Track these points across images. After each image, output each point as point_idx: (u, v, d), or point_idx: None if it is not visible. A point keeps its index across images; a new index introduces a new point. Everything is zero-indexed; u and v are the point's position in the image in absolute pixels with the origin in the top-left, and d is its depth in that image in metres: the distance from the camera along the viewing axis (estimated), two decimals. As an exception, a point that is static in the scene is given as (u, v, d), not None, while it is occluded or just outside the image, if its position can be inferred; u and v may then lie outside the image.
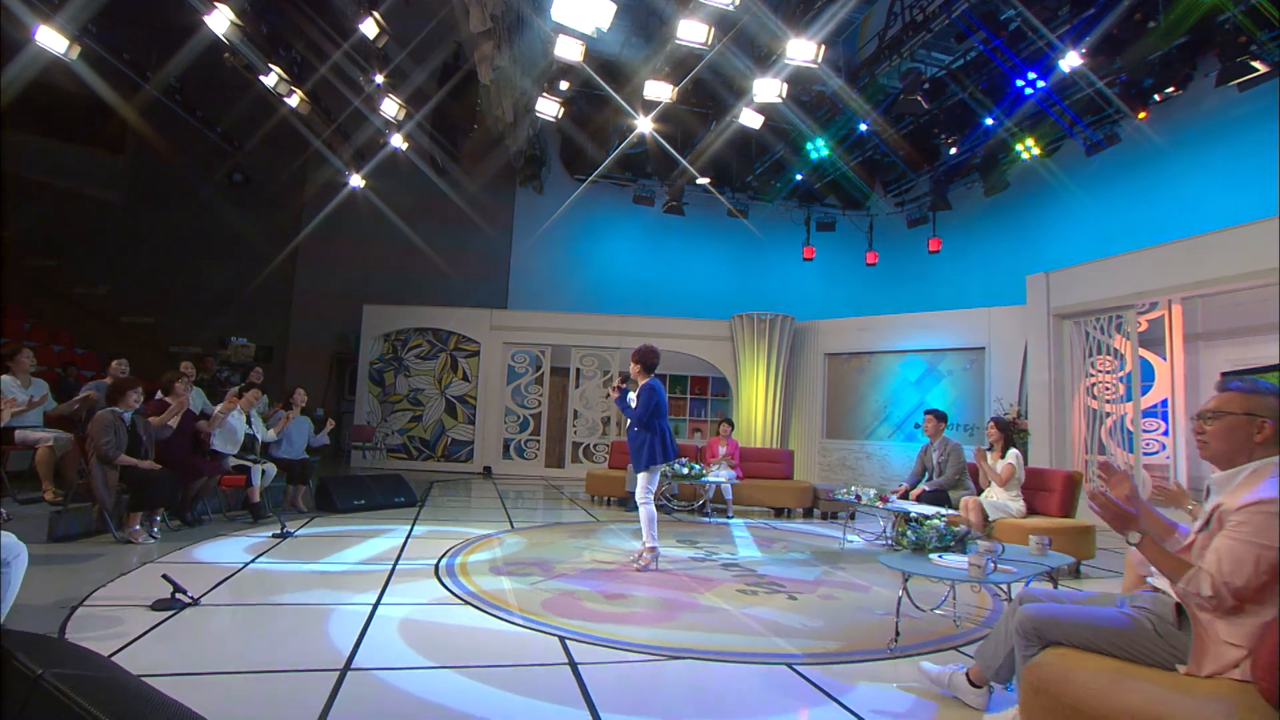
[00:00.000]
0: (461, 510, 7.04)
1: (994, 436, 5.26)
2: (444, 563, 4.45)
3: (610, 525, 6.41)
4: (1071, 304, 7.93)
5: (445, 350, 11.80)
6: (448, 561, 4.49)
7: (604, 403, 11.88)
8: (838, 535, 6.38)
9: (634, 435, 4.62)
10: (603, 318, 11.99)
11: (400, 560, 4.48)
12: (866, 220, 13.77)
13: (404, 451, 11.52)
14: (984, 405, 9.33)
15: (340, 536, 5.17)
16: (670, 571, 4.54)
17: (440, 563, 4.45)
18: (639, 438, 4.61)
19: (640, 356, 4.79)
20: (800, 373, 11.53)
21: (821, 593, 4.13)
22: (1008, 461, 5.14)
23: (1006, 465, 5.13)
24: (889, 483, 10.07)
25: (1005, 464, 5.14)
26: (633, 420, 4.64)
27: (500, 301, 13.31)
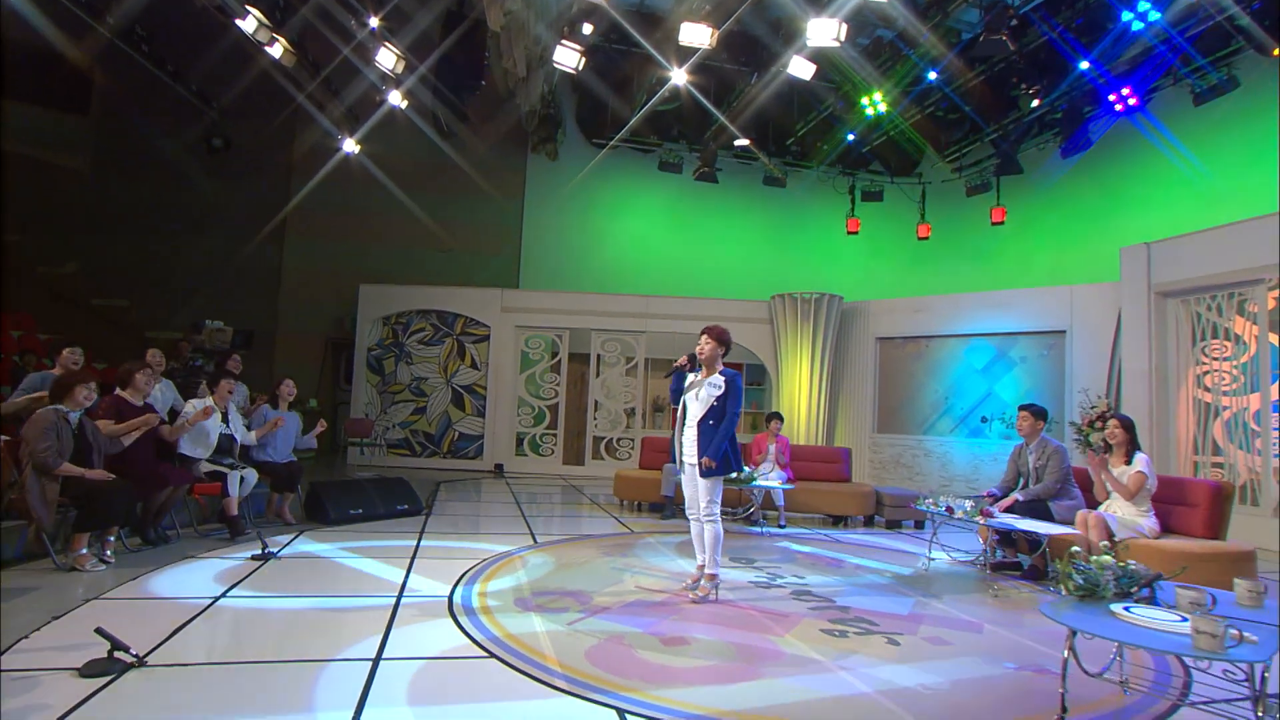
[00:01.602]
0: (474, 520, 6.48)
1: (1118, 438, 4.57)
2: (459, 594, 3.86)
3: (647, 539, 5.82)
4: (1178, 280, 7.18)
5: (451, 334, 11.21)
6: (464, 592, 3.90)
7: (627, 392, 11.27)
8: (910, 549, 5.75)
9: (707, 430, 3.97)
10: (626, 298, 11.35)
11: (406, 589, 3.90)
12: (918, 188, 12.97)
13: (406, 447, 10.99)
14: (1064, 397, 8.61)
15: (333, 557, 4.59)
16: (733, 603, 3.93)
17: (455, 594, 3.86)
18: (713, 435, 3.95)
19: (720, 334, 4.12)
20: (848, 359, 10.84)
21: (926, 633, 3.51)
22: (1137, 469, 4.46)
23: (1136, 474, 4.45)
24: (950, 484, 9.43)
25: (1134, 472, 4.46)
26: (712, 415, 3.98)
27: (511, 280, 12.68)
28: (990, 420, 9.28)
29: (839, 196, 13.07)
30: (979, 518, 4.38)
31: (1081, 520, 4.43)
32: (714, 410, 3.99)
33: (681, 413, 4.22)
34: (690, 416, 4.12)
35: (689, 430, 4.12)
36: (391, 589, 3.88)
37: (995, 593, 4.30)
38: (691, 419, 4.11)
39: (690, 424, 4.10)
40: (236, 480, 4.89)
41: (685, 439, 4.15)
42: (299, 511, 5.78)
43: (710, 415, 3.99)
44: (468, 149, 12.03)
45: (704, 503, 4.01)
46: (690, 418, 4.12)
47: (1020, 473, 5.21)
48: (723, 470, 3.98)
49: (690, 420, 4.11)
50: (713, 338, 4.14)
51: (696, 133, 12.18)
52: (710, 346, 4.13)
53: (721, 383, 4.03)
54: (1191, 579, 4.08)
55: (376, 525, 5.77)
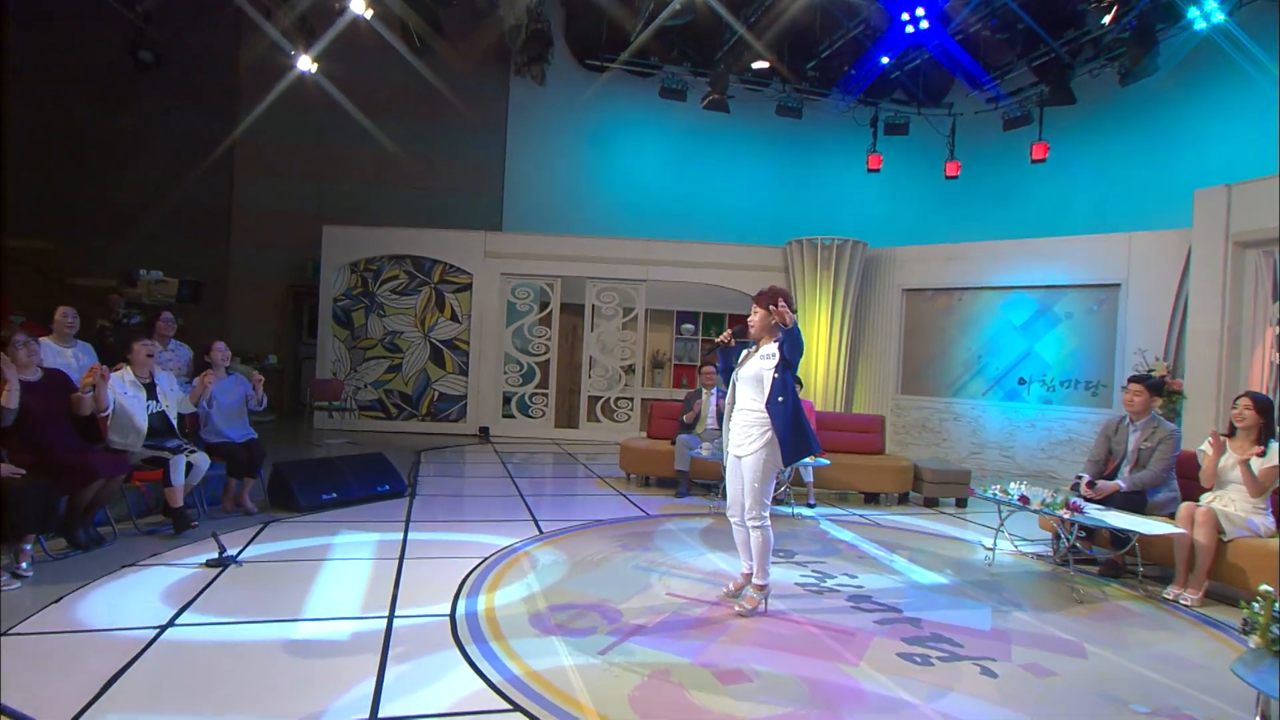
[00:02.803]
0: (466, 503, 6.01)
1: (1248, 420, 4.12)
2: (463, 610, 3.40)
3: (666, 525, 5.39)
4: (1262, 228, 6.71)
5: (429, 283, 10.53)
6: (468, 607, 3.44)
7: (625, 347, 10.74)
8: (959, 534, 5.40)
9: (780, 408, 3.46)
10: (624, 242, 10.69)
11: (398, 603, 3.43)
12: (947, 121, 12.27)
13: (380, 409, 10.44)
14: (1115, 358, 8.24)
15: (305, 559, 4.10)
16: (785, 616, 3.52)
17: (458, 609, 3.40)
18: (791, 406, 3.46)
19: (771, 299, 3.56)
20: (870, 313, 10.37)
21: (1021, 657, 3.12)
22: (1272, 462, 4.01)
23: (1270, 467, 4.00)
24: (981, 452, 9.13)
25: (1269, 465, 4.01)
26: (779, 391, 3.47)
27: (495, 222, 11.94)
28: (1029, 382, 8.91)
29: (859, 130, 12.34)
30: (1064, 511, 3.97)
31: (1187, 516, 4.05)
32: (777, 385, 3.48)
33: (731, 394, 3.72)
34: (740, 400, 3.62)
35: (737, 413, 3.62)
36: (380, 604, 3.40)
37: (1079, 598, 3.93)
38: (743, 402, 3.60)
39: (742, 408, 3.59)
40: (181, 466, 4.32)
41: (733, 422, 3.67)
42: (262, 498, 5.25)
43: (777, 390, 3.47)
44: (443, 70, 11.09)
45: (749, 503, 3.54)
46: (741, 401, 3.61)
47: (1113, 452, 4.79)
48: (796, 455, 3.50)
49: (741, 404, 3.61)
50: (762, 305, 3.61)
51: (704, 54, 11.32)
52: (760, 316, 3.60)
53: (774, 349, 3.52)
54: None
55: (353, 511, 5.27)
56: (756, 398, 3.53)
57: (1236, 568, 3.91)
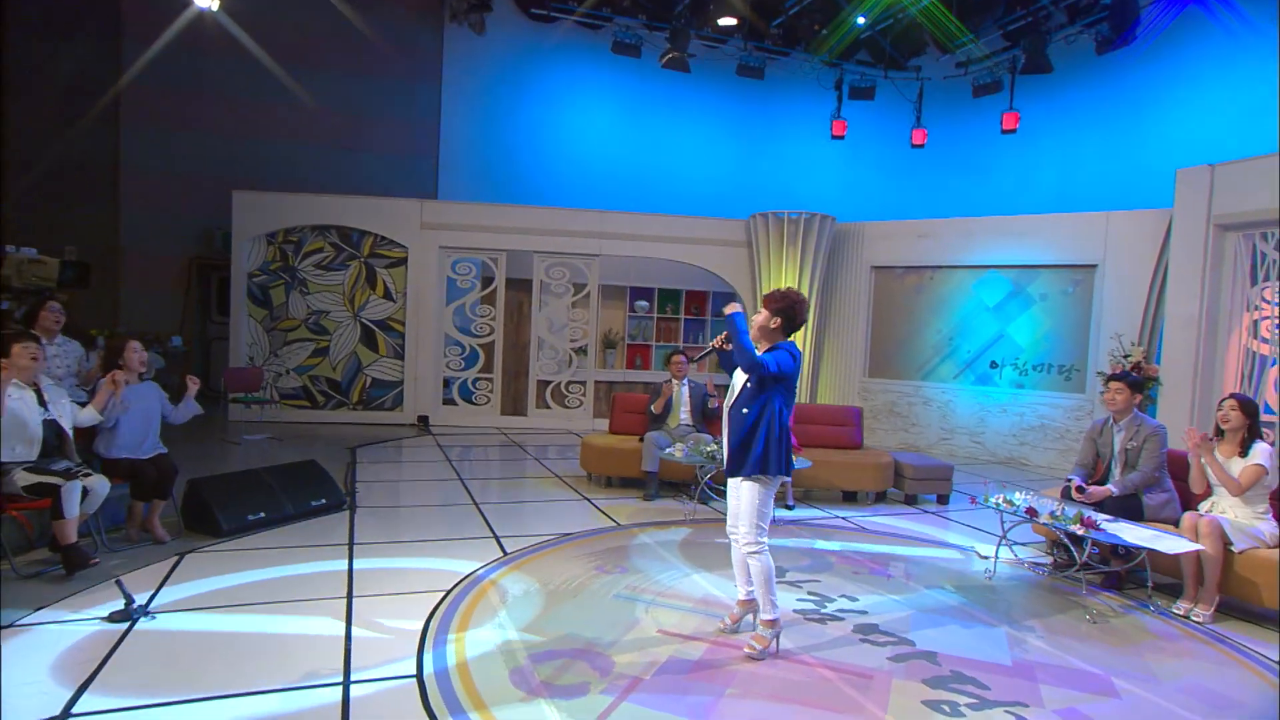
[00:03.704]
0: (415, 515, 5.59)
1: (1234, 422, 4.12)
2: (431, 665, 3.07)
3: (640, 537, 5.14)
4: (1245, 211, 6.81)
5: (358, 257, 9.86)
6: (437, 661, 3.10)
7: (576, 327, 10.36)
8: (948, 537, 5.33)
9: (739, 418, 3.25)
10: (575, 213, 10.24)
11: (352, 660, 3.06)
12: (915, 85, 12.18)
13: (305, 397, 9.80)
14: (1090, 342, 8.36)
15: (234, 603, 3.66)
16: (793, 656, 3.33)
17: (425, 664, 3.06)
18: (752, 420, 3.24)
19: (784, 305, 3.33)
20: (837, 291, 10.27)
21: (1052, 699, 3.01)
22: (1255, 461, 4.04)
23: (1253, 467, 4.03)
24: (951, 437, 9.21)
25: (1251, 465, 4.04)
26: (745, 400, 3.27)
27: (429, 189, 11.27)
28: (1001, 366, 8.99)
29: (823, 94, 12.15)
30: (1077, 526, 3.88)
31: (1191, 526, 4.03)
32: (747, 393, 3.26)
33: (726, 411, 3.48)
34: (727, 408, 3.41)
35: (726, 427, 3.40)
36: (332, 664, 3.02)
37: (1092, 618, 3.87)
38: (728, 410, 3.39)
39: (728, 416, 3.39)
40: (76, 494, 3.78)
41: (725, 440, 3.43)
42: (175, 519, 4.72)
43: (743, 399, 3.26)
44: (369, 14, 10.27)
45: (743, 527, 3.31)
46: (727, 409, 3.41)
47: (1100, 454, 4.77)
48: (771, 466, 3.26)
49: (727, 411, 3.41)
50: (773, 308, 3.34)
51: (660, 5, 10.84)
52: (761, 318, 3.34)
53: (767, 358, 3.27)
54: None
55: (286, 533, 4.81)
56: (736, 407, 3.32)
57: (1248, 581, 3.91)
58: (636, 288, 11.47)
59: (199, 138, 10.74)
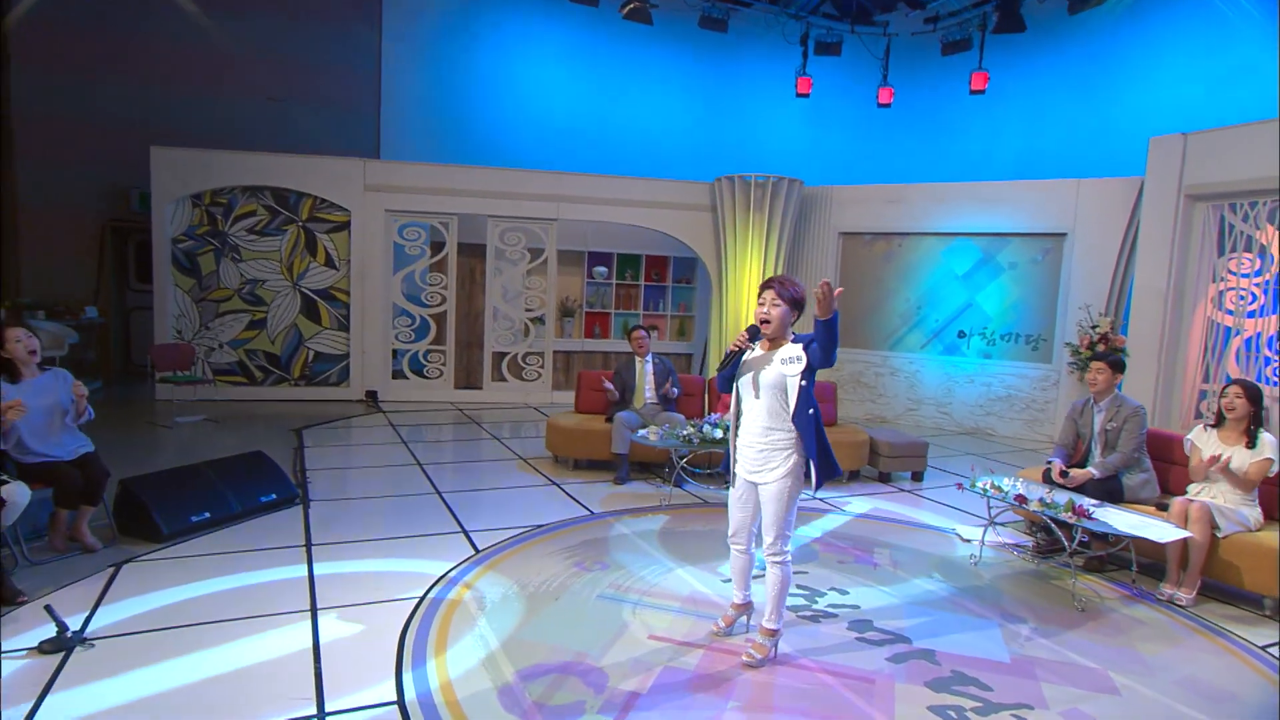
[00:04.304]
0: (375, 510, 5.36)
1: (1239, 410, 4.19)
2: (413, 689, 2.93)
3: (617, 528, 5.04)
4: (1217, 181, 6.94)
5: (295, 221, 9.34)
6: (419, 685, 2.96)
7: (533, 294, 10.09)
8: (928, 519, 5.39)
9: (808, 420, 3.13)
10: (531, 175, 9.88)
11: (325, 687, 2.88)
12: (882, 41, 12.03)
13: (241, 374, 9.33)
14: (1058, 312, 8.51)
15: (183, 623, 3.42)
16: (791, 660, 3.29)
17: (406, 689, 2.92)
18: (815, 421, 3.15)
19: (794, 292, 3.20)
20: (804, 258, 10.22)
21: (1055, 700, 3.05)
22: (1265, 456, 4.07)
23: (1262, 462, 4.07)
24: (918, 408, 9.35)
25: (1261, 460, 4.08)
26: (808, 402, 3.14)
27: (370, 147, 10.71)
28: (969, 336, 9.12)
29: (788, 49, 11.90)
30: (1068, 515, 3.92)
31: (1181, 512, 4.12)
32: (804, 396, 3.12)
33: (736, 405, 3.32)
34: (756, 414, 3.21)
35: (751, 429, 3.23)
36: (301, 694, 2.84)
37: (1080, 605, 3.95)
38: (759, 418, 3.20)
39: (760, 425, 3.19)
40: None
41: (742, 441, 3.28)
42: (108, 525, 4.40)
43: (804, 403, 3.12)
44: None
45: (771, 537, 3.21)
46: (756, 416, 3.20)
47: (1080, 435, 4.84)
48: (827, 476, 3.20)
49: (757, 420, 3.20)
50: (783, 297, 3.18)
51: (620, -51, 10.38)
52: (780, 311, 3.18)
53: (800, 353, 3.12)
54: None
55: (235, 534, 4.54)
56: (780, 412, 3.15)
57: (1230, 565, 4.03)
58: (595, 252, 11.23)
59: (103, 84, 9.93)
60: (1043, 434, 8.55)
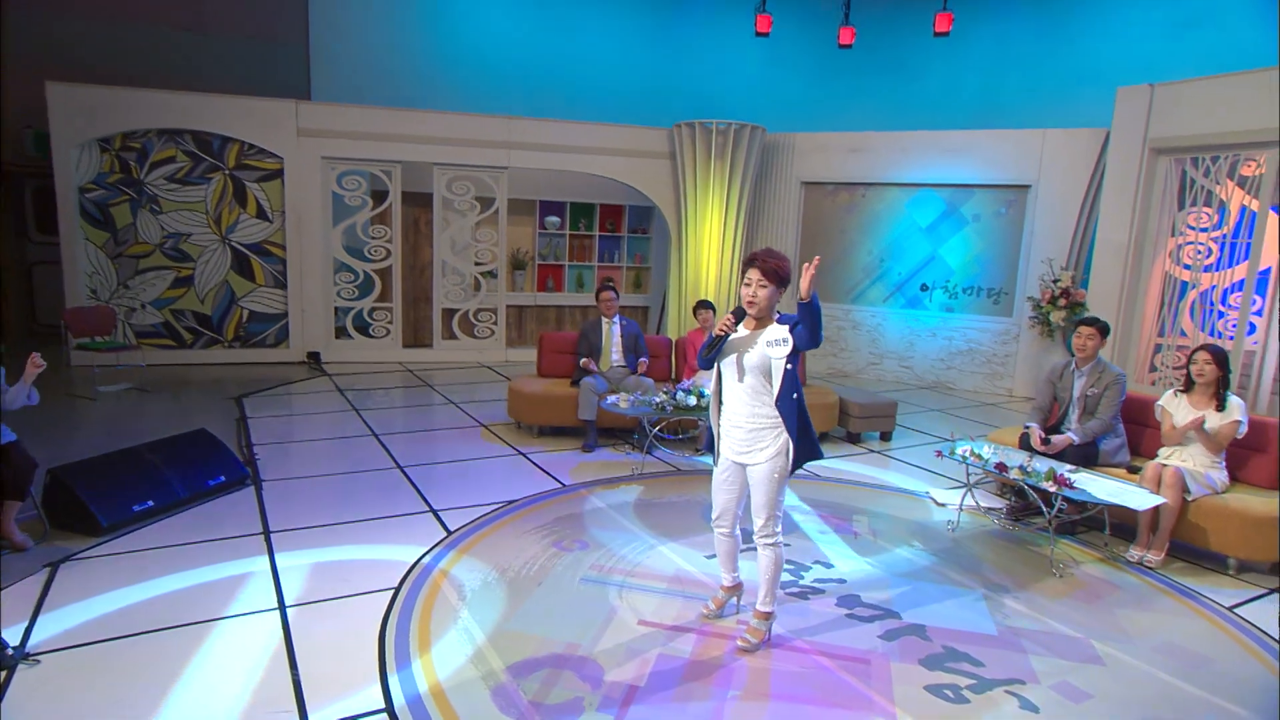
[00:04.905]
0: (333, 486, 5.17)
1: (1209, 375, 4.34)
2: (401, 694, 2.85)
3: (591, 500, 5.00)
4: (1183, 135, 7.07)
5: (221, 169, 8.77)
6: (406, 688, 2.89)
7: (483, 247, 9.79)
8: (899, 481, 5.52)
9: (791, 405, 3.12)
10: (480, 119, 9.47)
11: (306, 702, 2.78)
12: (844, -23, 11.79)
13: (169, 336, 8.85)
14: (1020, 265, 8.68)
15: (137, 630, 3.26)
16: (786, 642, 3.33)
17: (393, 694, 2.84)
18: (798, 406, 3.14)
19: (779, 269, 3.11)
20: (765, 208, 10.14)
21: (1045, 672, 3.16)
22: (1233, 419, 4.26)
23: (1230, 424, 4.26)
24: (880, 362, 9.50)
25: (1230, 423, 4.26)
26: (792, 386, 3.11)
27: (300, 86, 10.05)
28: (931, 289, 9.25)
29: (747, -16, 11.56)
30: (1049, 484, 4.03)
31: (1154, 476, 4.28)
32: (789, 380, 3.08)
33: (717, 386, 3.27)
34: (739, 396, 3.16)
35: (736, 410, 3.18)
36: (281, 706, 2.73)
37: (1058, 573, 4.10)
38: (744, 400, 3.16)
39: (745, 408, 3.15)
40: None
41: (727, 422, 3.23)
42: (37, 518, 4.12)
43: (790, 387, 3.08)
44: None
45: (761, 519, 3.20)
46: (740, 398, 3.16)
47: (1058, 398, 4.96)
48: (805, 458, 3.20)
49: (741, 402, 3.16)
50: (769, 276, 3.10)
51: None
52: (766, 292, 3.10)
53: (786, 334, 3.07)
54: (1270, 547, 4.11)
55: (184, 523, 4.33)
56: (765, 394, 3.11)
57: (1197, 527, 4.23)
58: (547, 201, 10.94)
59: (-5, 12, 9.03)
60: (1002, 388, 8.81)
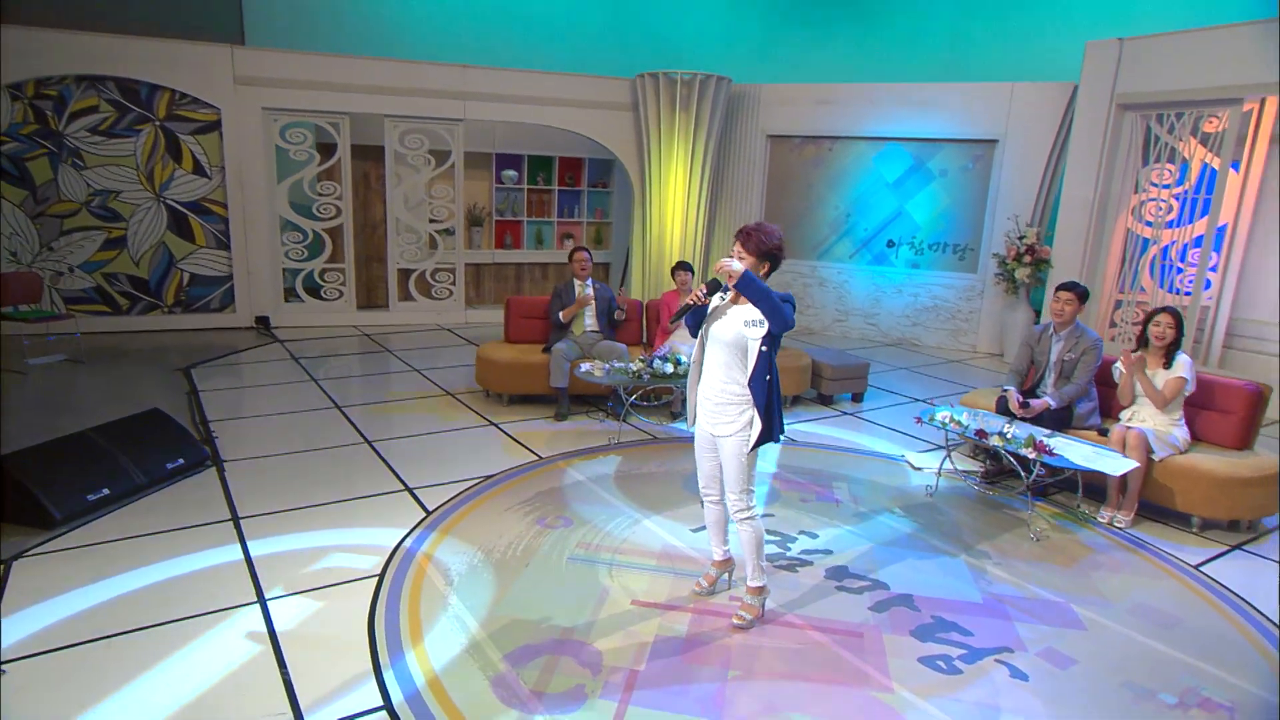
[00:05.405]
0: (300, 464, 5.03)
1: (1169, 337, 4.50)
2: (398, 689, 2.83)
3: (570, 474, 4.99)
4: (1149, 90, 7.18)
5: (151, 120, 8.27)
6: (402, 682, 2.87)
7: (439, 203, 9.51)
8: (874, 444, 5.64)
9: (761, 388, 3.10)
10: (433, 68, 9.09)
11: (300, 702, 2.74)
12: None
13: (102, 301, 8.42)
14: (986, 221, 8.80)
15: (111, 630, 3.16)
16: (780, 618, 3.40)
17: (390, 688, 2.82)
18: (770, 385, 3.12)
19: (769, 247, 3.10)
20: (731, 162, 10.04)
21: (1031, 639, 3.30)
22: (1178, 374, 4.47)
23: (1175, 380, 4.47)
24: (846, 319, 9.62)
25: (1174, 378, 4.48)
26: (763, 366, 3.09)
27: (232, 28, 9.44)
28: (898, 245, 9.33)
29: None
30: (1029, 450, 4.16)
31: (1119, 439, 4.44)
32: (764, 361, 3.08)
33: (699, 354, 3.26)
34: (714, 367, 3.18)
35: (710, 381, 3.20)
36: (275, 710, 2.69)
37: (1036, 537, 4.25)
38: (718, 372, 3.17)
39: (718, 380, 3.17)
40: None
41: (703, 393, 3.25)
42: (-11, 509, 3.93)
43: (763, 369, 3.08)
44: None
45: (734, 495, 3.23)
46: (715, 369, 3.18)
47: (1035, 362, 5.08)
48: (760, 440, 3.18)
49: (715, 374, 3.18)
50: (749, 249, 3.09)
51: None
52: (749, 265, 3.09)
53: (762, 316, 3.07)
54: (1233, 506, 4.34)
55: (144, 511, 4.18)
56: (738, 370, 3.13)
57: (1164, 487, 4.43)
58: (503, 154, 10.65)
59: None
60: (966, 344, 9.02)
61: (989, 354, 8.87)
